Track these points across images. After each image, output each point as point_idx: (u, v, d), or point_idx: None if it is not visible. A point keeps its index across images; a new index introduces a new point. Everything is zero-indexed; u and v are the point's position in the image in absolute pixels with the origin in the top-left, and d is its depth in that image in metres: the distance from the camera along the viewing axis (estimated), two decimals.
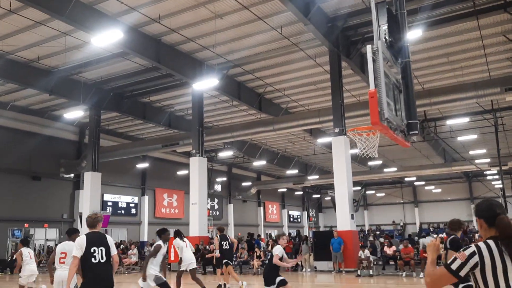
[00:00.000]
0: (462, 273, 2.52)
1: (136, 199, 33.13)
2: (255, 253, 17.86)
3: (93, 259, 5.22)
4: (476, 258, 2.49)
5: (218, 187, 38.03)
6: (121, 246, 23.91)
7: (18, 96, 23.03)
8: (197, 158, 20.50)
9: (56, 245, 25.98)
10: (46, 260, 24.06)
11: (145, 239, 31.69)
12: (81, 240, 5.37)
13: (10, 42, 17.08)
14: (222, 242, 11.71)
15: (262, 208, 46.07)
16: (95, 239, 5.39)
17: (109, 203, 30.59)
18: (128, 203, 32.49)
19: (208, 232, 22.10)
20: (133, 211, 32.83)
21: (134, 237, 30.49)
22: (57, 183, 27.48)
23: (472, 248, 2.52)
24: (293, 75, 20.95)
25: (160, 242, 7.77)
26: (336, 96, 17.74)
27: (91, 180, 23.24)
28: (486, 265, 2.46)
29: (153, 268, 7.59)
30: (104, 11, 15.08)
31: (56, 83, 20.26)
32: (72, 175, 28.13)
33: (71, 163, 27.57)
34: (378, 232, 35.47)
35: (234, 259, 18.62)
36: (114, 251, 5.50)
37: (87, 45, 17.12)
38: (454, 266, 2.54)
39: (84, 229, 20.16)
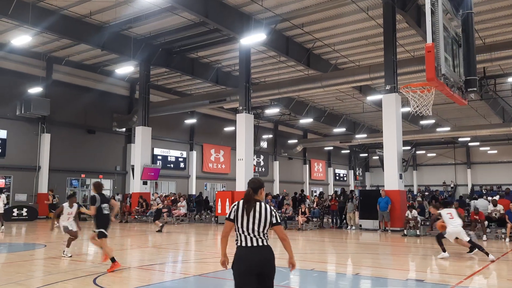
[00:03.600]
0: (231, 216, 3.97)
1: (184, 154, 34.07)
2: (300, 209, 18.04)
3: None
4: (235, 207, 3.97)
5: (264, 144, 38.27)
6: (172, 198, 24.88)
7: (72, 51, 23.77)
8: (244, 115, 20.57)
9: (108, 196, 27.42)
10: None
11: (194, 192, 32.79)
12: None
13: None
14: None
15: (307, 165, 46.11)
16: None
17: (159, 157, 31.67)
18: (177, 158, 33.51)
19: None
20: (182, 165, 33.87)
21: (183, 190, 31.60)
22: (110, 137, 28.67)
23: (236, 203, 4.01)
24: (343, 29, 20.15)
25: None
26: (389, 51, 16.96)
27: (142, 134, 24.04)
28: (238, 211, 3.92)
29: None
30: None
31: (107, 38, 20.66)
32: (124, 129, 29.18)
33: (123, 117, 28.54)
34: (427, 193, 34.67)
35: (280, 214, 18.99)
36: None
37: None
38: (227, 216, 4.02)
39: (136, 181, 20.98)
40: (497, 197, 17.05)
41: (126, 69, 21.96)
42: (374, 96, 27.16)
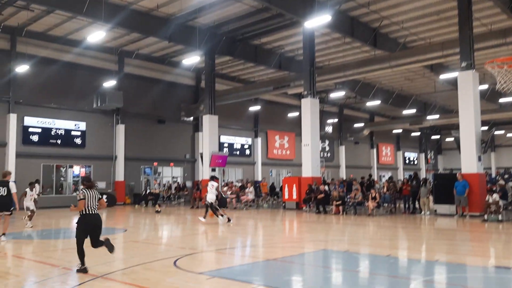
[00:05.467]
0: (85, 197, 6.58)
1: (249, 141, 34.45)
2: (370, 194, 17.59)
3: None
4: (85, 192, 6.62)
5: (329, 129, 37.68)
6: (238, 185, 25.25)
7: (141, 44, 24.74)
8: (309, 100, 20.32)
9: (178, 182, 28.41)
10: (174, 195, 26.57)
11: (259, 179, 33.13)
12: None
13: None
14: None
15: (375, 150, 44.86)
16: (2, 183, 10.49)
17: (225, 145, 32.29)
18: (242, 145, 33.98)
19: (321, 174, 22.23)
20: (247, 152, 34.31)
21: (249, 177, 32.04)
22: (179, 126, 29.65)
23: (83, 190, 6.63)
24: (412, 5, 19.12)
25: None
26: (465, 26, 15.89)
27: (209, 122, 24.58)
28: (87, 194, 6.67)
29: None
30: None
31: (173, 30, 21.23)
32: (191, 118, 30.01)
33: (190, 107, 29.35)
34: (506, 176, 32.38)
35: (347, 200, 18.66)
36: (12, 190, 10.49)
37: None
38: (81, 197, 6.59)
39: (205, 168, 21.46)
40: None
41: (192, 59, 22.46)
42: (448, 74, 25.65)
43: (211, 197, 14.55)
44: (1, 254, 8.72)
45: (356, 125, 40.98)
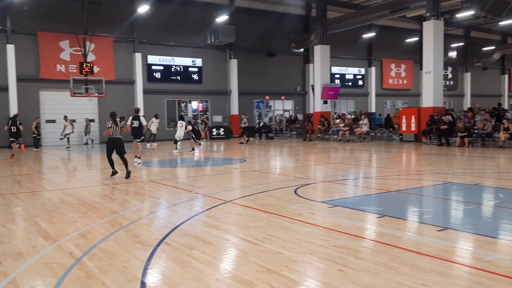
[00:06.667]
0: (109, 126, 9.86)
1: (362, 71, 32.97)
2: (502, 125, 15.90)
3: (133, 125, 12.90)
4: (110, 123, 9.87)
5: (453, 54, 34.25)
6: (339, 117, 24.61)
7: None
8: (432, 22, 18.53)
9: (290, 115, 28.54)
10: (283, 129, 26.95)
11: (373, 110, 31.93)
12: (130, 117, 13.29)
13: None
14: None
15: (506, 76, 39.99)
16: (135, 117, 12.89)
17: (337, 76, 31.35)
18: (355, 75, 32.70)
19: (444, 104, 20.61)
20: (360, 82, 32.99)
21: (362, 108, 31.02)
22: (289, 58, 29.36)
23: (110, 123, 9.85)
24: None
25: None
26: None
27: (320, 53, 23.90)
28: (112, 125, 9.86)
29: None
30: None
31: None
32: (302, 49, 29.44)
33: (300, 38, 28.68)
34: None
35: (476, 130, 17.17)
36: (143, 123, 12.79)
37: None
38: (108, 126, 9.91)
39: (316, 100, 21.31)
40: None
41: None
42: None
43: (179, 134, 16.61)
44: (140, 179, 9.77)
45: (484, 49, 36.61)
